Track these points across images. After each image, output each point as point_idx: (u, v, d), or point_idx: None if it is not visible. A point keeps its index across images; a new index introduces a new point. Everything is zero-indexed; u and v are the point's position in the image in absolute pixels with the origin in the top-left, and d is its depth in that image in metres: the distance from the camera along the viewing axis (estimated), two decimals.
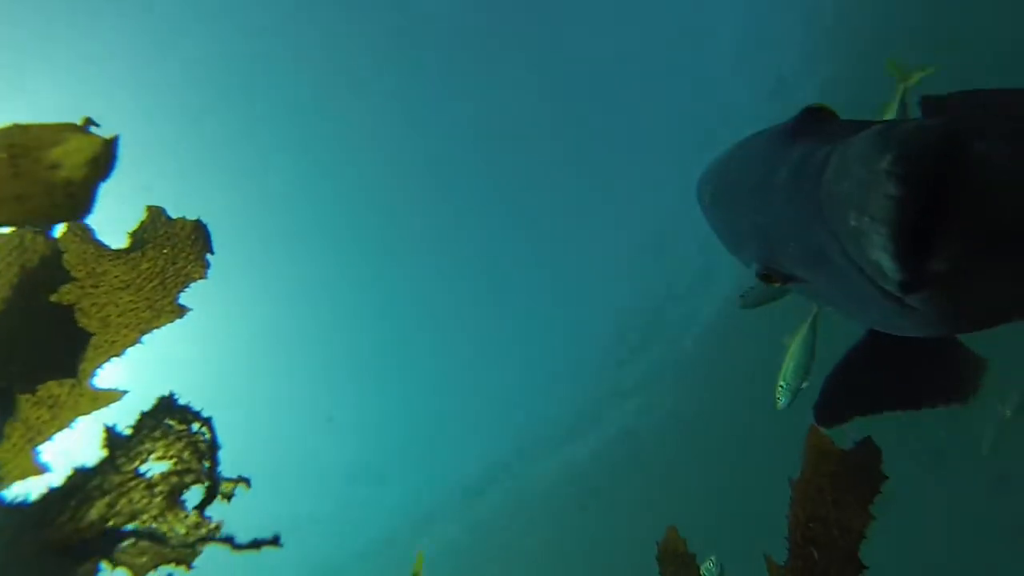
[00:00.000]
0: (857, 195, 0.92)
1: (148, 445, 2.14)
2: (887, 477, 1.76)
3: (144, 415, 2.14)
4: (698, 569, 2.16)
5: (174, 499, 2.12)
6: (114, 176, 1.45)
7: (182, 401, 2.14)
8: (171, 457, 2.13)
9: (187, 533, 2.12)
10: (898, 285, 0.93)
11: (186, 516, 2.11)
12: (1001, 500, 11.06)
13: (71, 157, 1.38)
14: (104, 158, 1.41)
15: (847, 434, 1.70)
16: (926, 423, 10.46)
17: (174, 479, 2.12)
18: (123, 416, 2.09)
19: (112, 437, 2.13)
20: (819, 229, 1.06)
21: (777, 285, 1.30)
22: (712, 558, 5.09)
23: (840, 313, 1.36)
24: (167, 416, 2.14)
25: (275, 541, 2.04)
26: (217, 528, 2.12)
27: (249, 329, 14.72)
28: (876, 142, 0.91)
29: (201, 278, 2.15)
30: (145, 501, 2.09)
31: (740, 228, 1.40)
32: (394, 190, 14.11)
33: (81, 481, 2.09)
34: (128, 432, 2.14)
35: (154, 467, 2.13)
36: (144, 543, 2.08)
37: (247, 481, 2.15)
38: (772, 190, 1.20)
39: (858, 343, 1.59)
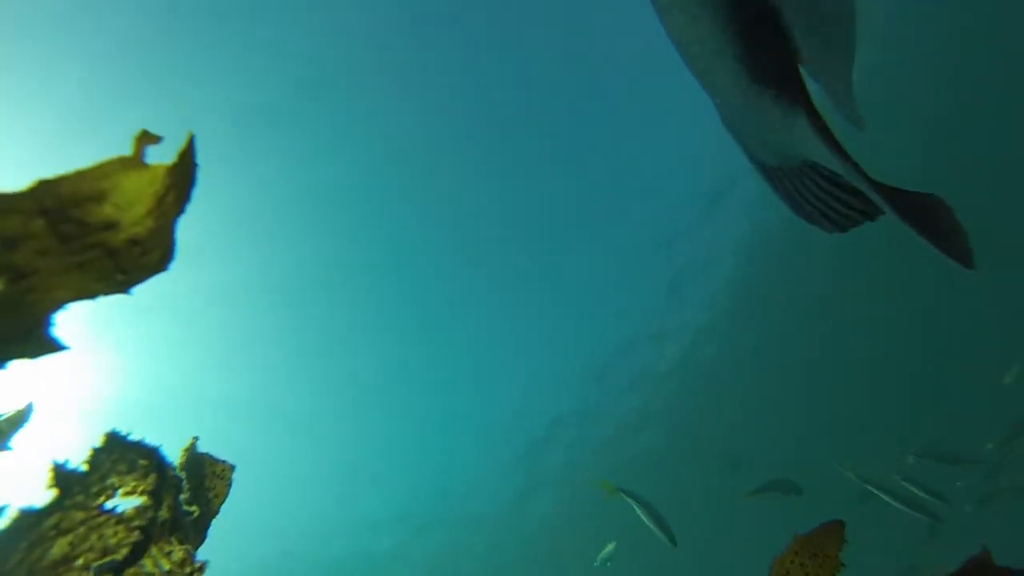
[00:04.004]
0: None
1: (114, 480, 1.81)
2: None
3: (98, 450, 1.81)
4: None
5: (153, 533, 1.85)
6: None
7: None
8: (143, 492, 1.83)
9: (171, 571, 1.88)
10: None
11: (171, 551, 1.86)
12: None
13: (128, 210, 0.99)
14: (176, 188, 1.01)
15: None
16: None
17: (149, 514, 1.84)
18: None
19: (63, 474, 1.77)
20: None
21: None
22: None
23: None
24: (123, 451, 1.82)
25: None
26: (202, 569, 1.92)
27: None
28: None
29: None
30: (121, 535, 1.80)
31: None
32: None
33: (29, 522, 1.73)
34: (84, 468, 1.79)
35: (121, 503, 1.84)
36: None
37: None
38: None
39: None
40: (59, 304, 1.17)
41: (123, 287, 1.16)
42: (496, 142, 12.89)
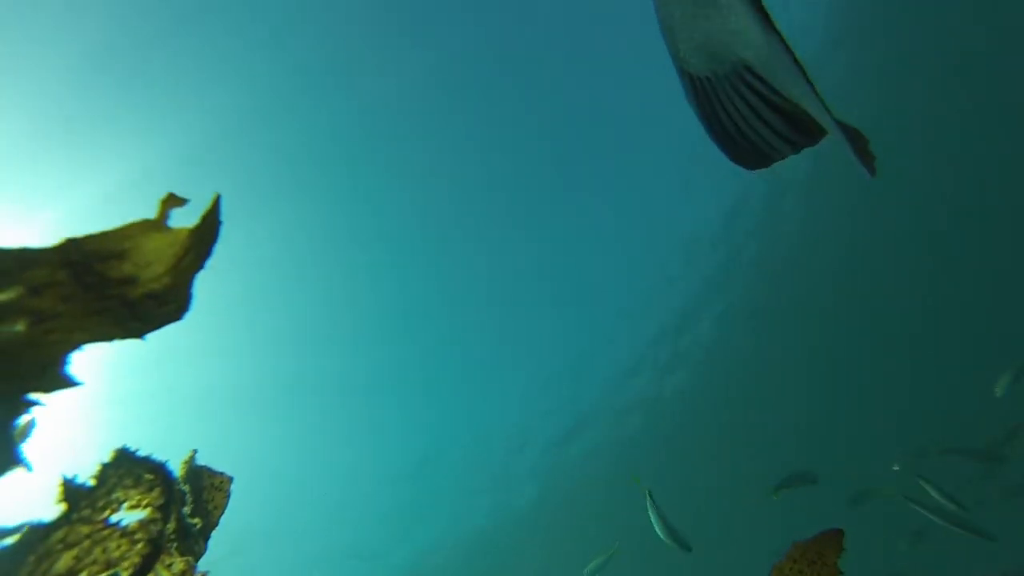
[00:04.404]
0: None
1: (119, 494, 1.88)
2: None
3: (106, 466, 1.88)
4: None
5: (158, 547, 1.92)
6: None
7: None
8: (147, 505, 1.91)
9: None
10: None
11: (171, 563, 1.94)
12: None
13: (147, 268, 1.06)
14: (196, 249, 1.08)
15: None
16: None
17: (154, 527, 1.91)
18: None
19: (71, 489, 1.84)
20: None
21: None
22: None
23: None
24: (130, 466, 1.89)
25: None
26: None
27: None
28: None
29: None
30: (124, 549, 1.87)
31: None
32: None
33: (38, 536, 1.80)
34: (91, 483, 1.86)
35: (127, 517, 1.91)
36: None
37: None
38: None
39: None
40: (76, 345, 1.24)
41: (138, 334, 1.23)
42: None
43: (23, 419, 2.09)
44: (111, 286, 1.09)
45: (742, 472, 17.06)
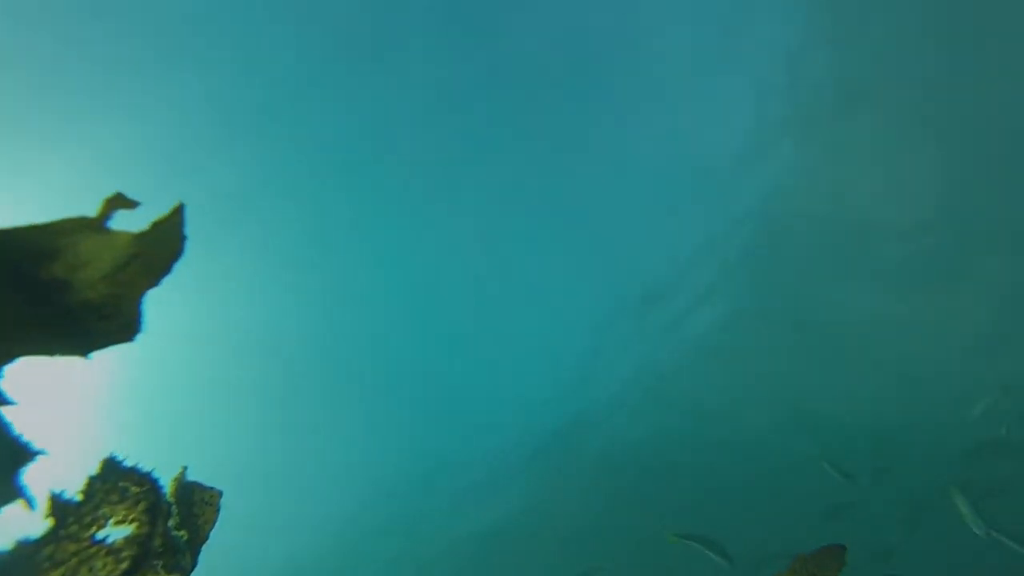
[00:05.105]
0: None
1: (105, 510, 1.84)
2: None
3: (93, 479, 1.83)
4: None
5: (142, 563, 1.87)
6: None
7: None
8: (133, 520, 1.86)
9: None
10: None
11: None
12: None
13: (82, 272, 0.99)
14: (145, 260, 0.97)
15: None
16: None
17: (139, 543, 1.86)
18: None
19: (59, 504, 1.80)
20: None
21: None
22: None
23: None
24: (117, 479, 1.85)
25: None
26: None
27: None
28: None
29: None
30: (110, 567, 1.82)
31: None
32: None
33: (27, 552, 1.76)
34: (78, 498, 1.82)
35: (114, 532, 1.86)
36: None
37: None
38: None
39: None
40: (9, 357, 1.16)
41: (80, 350, 1.15)
42: None
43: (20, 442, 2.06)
44: (44, 290, 1.01)
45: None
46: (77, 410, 12.35)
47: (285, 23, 10.28)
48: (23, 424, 1.82)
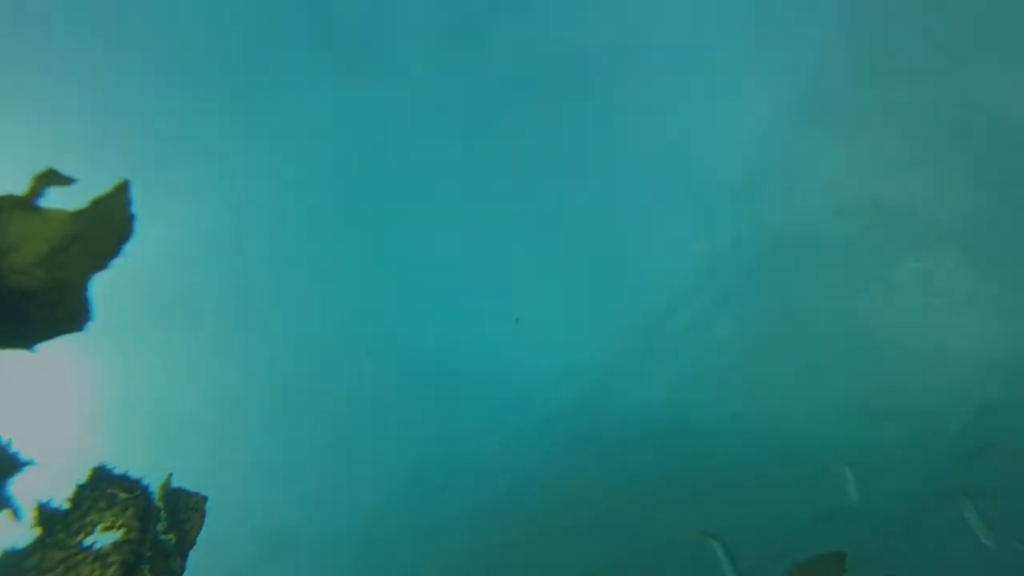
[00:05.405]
0: None
1: (93, 517, 1.77)
2: None
3: (82, 487, 1.77)
4: None
5: (130, 568, 1.80)
6: None
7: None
8: (121, 526, 1.78)
9: None
10: None
11: None
12: None
13: (13, 255, 0.89)
14: (86, 241, 0.86)
15: None
16: None
17: (127, 549, 1.79)
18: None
19: (46, 513, 1.74)
20: None
21: None
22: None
23: None
24: (106, 486, 1.78)
25: None
26: None
27: None
28: None
29: None
30: (97, 573, 1.75)
31: None
32: None
33: (13, 562, 1.70)
34: (66, 506, 1.76)
35: (101, 539, 1.79)
36: None
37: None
38: None
39: None
40: None
41: (23, 342, 1.06)
42: None
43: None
44: None
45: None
46: (65, 417, 12.10)
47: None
48: (9, 432, 1.74)
